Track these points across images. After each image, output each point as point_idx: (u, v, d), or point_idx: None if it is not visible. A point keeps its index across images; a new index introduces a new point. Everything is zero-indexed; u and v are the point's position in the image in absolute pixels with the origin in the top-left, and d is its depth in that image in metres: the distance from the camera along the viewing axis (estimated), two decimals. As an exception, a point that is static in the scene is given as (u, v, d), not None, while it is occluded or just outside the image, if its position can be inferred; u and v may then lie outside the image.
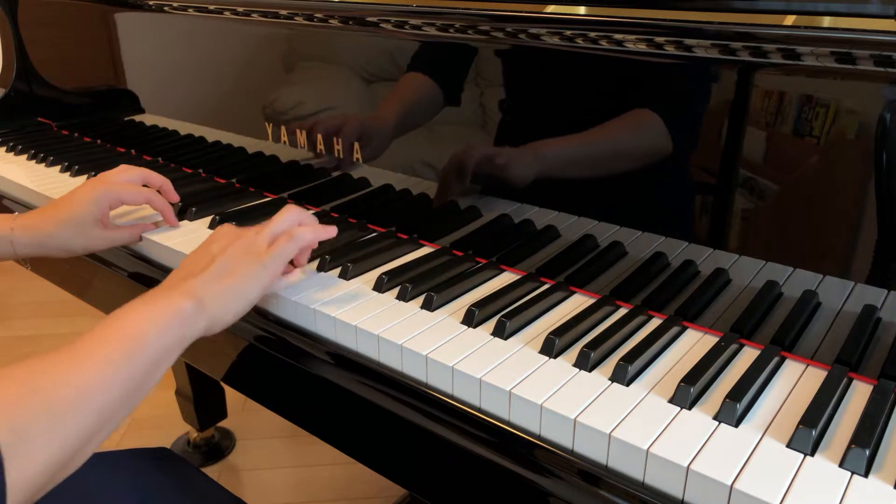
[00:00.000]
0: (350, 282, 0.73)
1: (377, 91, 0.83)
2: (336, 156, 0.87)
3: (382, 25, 0.78)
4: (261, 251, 0.64)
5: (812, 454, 0.48)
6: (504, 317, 0.62)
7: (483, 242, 0.77)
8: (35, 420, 0.46)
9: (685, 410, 0.52)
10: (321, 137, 0.88)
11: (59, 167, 1.10)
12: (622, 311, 0.66)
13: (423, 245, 0.81)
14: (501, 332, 0.62)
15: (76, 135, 1.31)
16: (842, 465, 0.47)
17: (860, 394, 0.54)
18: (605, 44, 0.64)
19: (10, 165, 1.14)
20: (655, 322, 0.64)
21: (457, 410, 0.57)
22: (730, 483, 0.45)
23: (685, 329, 0.63)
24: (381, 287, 0.70)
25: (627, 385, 0.55)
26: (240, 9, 0.92)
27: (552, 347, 0.59)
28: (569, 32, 0.65)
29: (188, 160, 1.10)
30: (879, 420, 0.49)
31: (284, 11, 0.87)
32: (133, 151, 1.20)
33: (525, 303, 0.66)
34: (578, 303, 0.68)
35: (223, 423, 1.65)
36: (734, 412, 0.51)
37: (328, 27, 0.84)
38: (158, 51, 1.10)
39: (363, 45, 0.82)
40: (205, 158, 1.08)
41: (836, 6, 0.55)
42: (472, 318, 0.64)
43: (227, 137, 1.03)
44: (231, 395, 1.64)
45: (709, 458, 0.47)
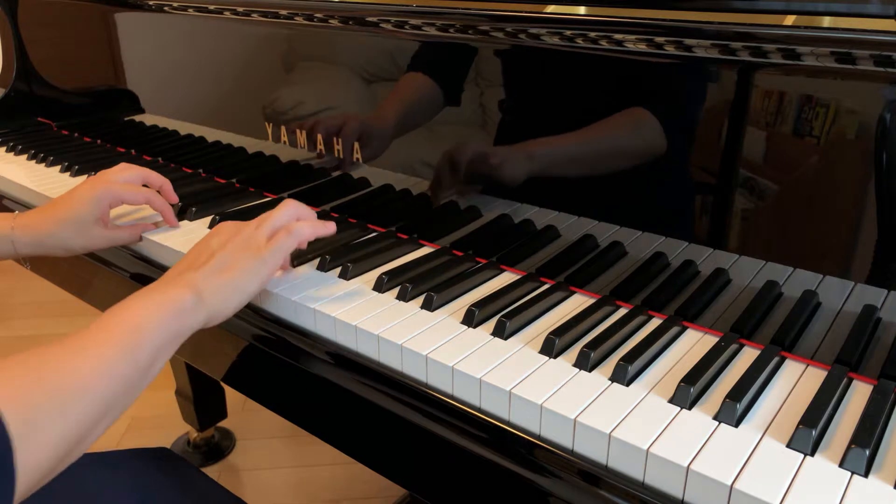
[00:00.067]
0: (350, 282, 0.73)
1: (377, 91, 0.83)
2: (336, 156, 0.87)
3: (382, 25, 0.78)
4: (260, 246, 0.65)
5: (812, 454, 0.48)
6: (504, 317, 0.62)
7: (483, 242, 0.77)
8: (43, 408, 0.47)
9: (685, 410, 0.52)
10: (321, 137, 0.88)
11: (59, 167, 1.10)
12: (622, 311, 0.66)
13: (423, 245, 0.81)
14: (501, 332, 0.62)
15: (76, 135, 1.31)
16: (842, 465, 0.47)
17: (860, 394, 0.54)
18: (605, 44, 0.64)
19: (10, 165, 1.14)
20: (655, 322, 0.64)
21: (457, 410, 0.57)
22: (730, 483, 0.45)
23: (685, 329, 0.63)
24: (381, 287, 0.70)
25: (627, 385, 0.55)
26: (240, 9, 0.92)
27: (552, 347, 0.59)
28: (569, 32, 0.65)
29: (188, 160, 1.10)
30: (879, 420, 0.49)
31: (284, 11, 0.87)
32: (133, 151, 1.20)
33: (525, 303, 0.66)
34: (578, 303, 0.68)
35: (223, 423, 1.65)
36: (734, 412, 0.51)
37: (328, 27, 0.84)
38: (158, 51, 1.10)
39: (363, 45, 0.82)
40: (205, 158, 1.08)
41: (836, 6, 0.55)
42: (472, 318, 0.64)
43: (227, 137, 1.03)
44: (231, 395, 1.63)
45: (709, 458, 0.47)
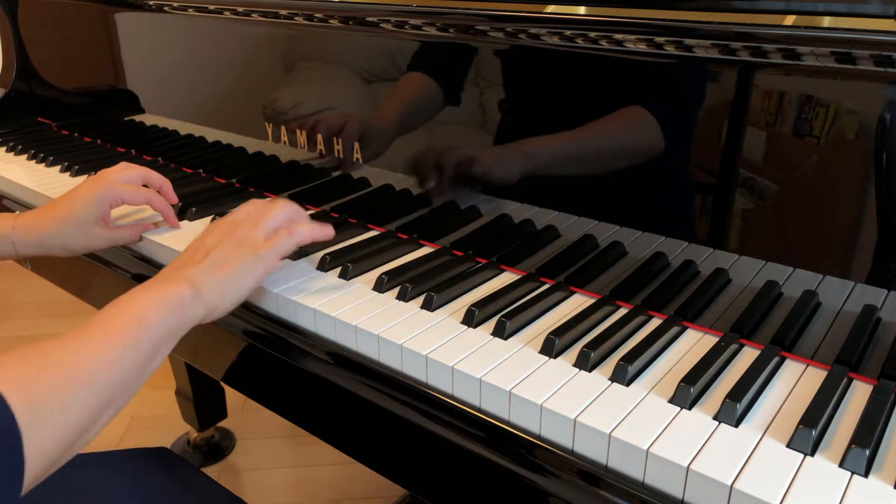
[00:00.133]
0: (350, 282, 0.73)
1: (377, 91, 0.83)
2: (336, 156, 0.87)
3: (382, 25, 0.78)
4: (256, 244, 0.66)
5: (812, 454, 0.48)
6: (504, 317, 0.62)
7: (483, 242, 0.77)
8: (49, 399, 0.48)
9: (685, 410, 0.52)
10: (321, 137, 0.88)
11: (59, 167, 1.10)
12: (622, 311, 0.66)
13: (423, 245, 0.81)
14: (501, 332, 0.62)
15: (76, 135, 1.31)
16: (842, 465, 0.47)
17: (860, 394, 0.54)
18: (605, 44, 0.64)
19: (10, 165, 1.14)
20: (655, 322, 0.64)
21: (457, 410, 0.57)
22: (730, 483, 0.45)
23: (685, 329, 0.63)
24: (381, 287, 0.70)
25: (627, 385, 0.55)
26: (240, 9, 0.92)
27: (552, 347, 0.59)
28: (569, 32, 0.65)
29: (188, 160, 1.10)
30: (879, 420, 0.49)
31: (284, 11, 0.87)
32: (133, 151, 1.20)
33: (525, 303, 0.66)
34: (578, 303, 0.68)
35: (223, 423, 1.65)
36: (734, 412, 0.51)
37: (328, 27, 0.84)
38: (158, 51, 1.10)
39: (363, 45, 0.82)
40: (205, 158, 1.08)
41: (836, 6, 0.55)
42: (472, 318, 0.64)
43: (227, 137, 1.03)
44: (231, 395, 1.64)
45: (709, 458, 0.47)
